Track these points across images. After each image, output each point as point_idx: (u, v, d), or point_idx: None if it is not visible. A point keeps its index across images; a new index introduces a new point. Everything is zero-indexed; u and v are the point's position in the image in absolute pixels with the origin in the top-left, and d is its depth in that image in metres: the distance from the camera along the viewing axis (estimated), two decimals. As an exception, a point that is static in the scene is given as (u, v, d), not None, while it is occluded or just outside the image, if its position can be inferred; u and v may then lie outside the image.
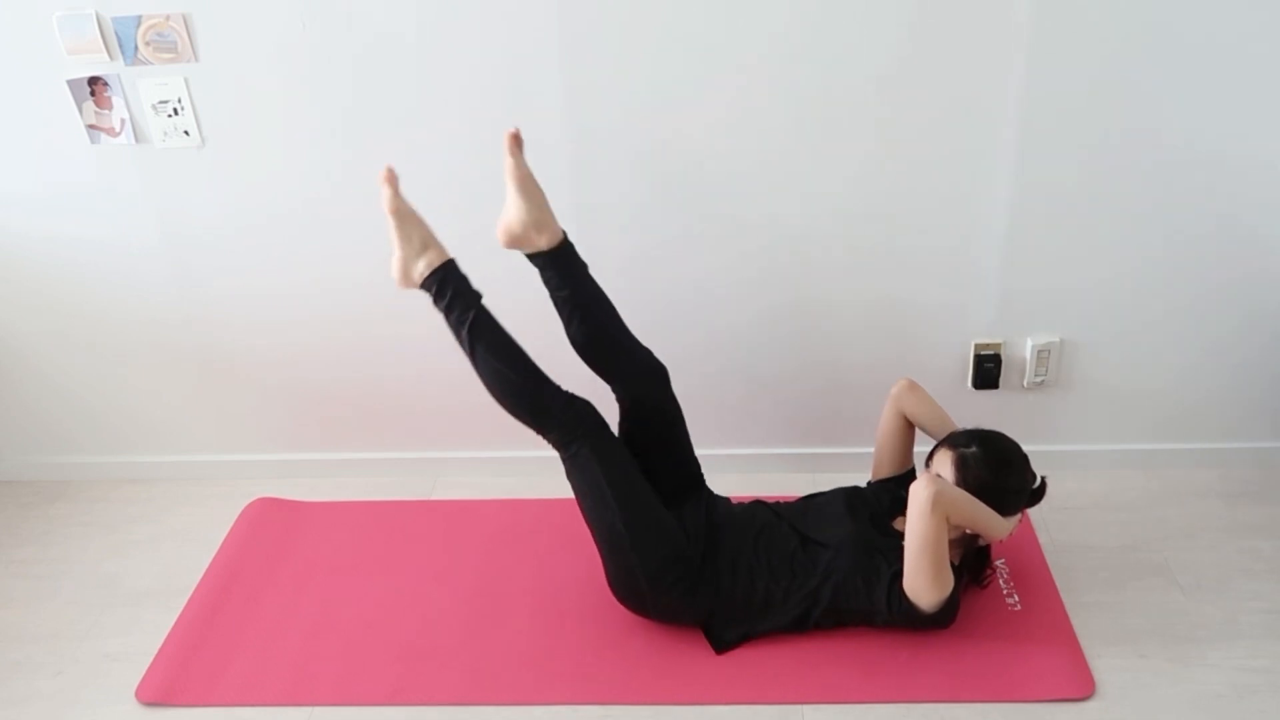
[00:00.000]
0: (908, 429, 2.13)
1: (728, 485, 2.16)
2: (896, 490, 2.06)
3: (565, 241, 1.93)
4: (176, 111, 2.12)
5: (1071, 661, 1.92)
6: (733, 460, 2.42)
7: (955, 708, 1.85)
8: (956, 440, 1.96)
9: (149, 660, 2.05)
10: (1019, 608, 2.04)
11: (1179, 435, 2.42)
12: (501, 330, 1.92)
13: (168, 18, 2.02)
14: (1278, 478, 2.40)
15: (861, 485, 2.16)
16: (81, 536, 2.44)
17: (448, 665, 1.99)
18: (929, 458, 1.99)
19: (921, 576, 1.83)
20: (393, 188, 1.86)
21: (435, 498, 2.50)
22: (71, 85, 2.10)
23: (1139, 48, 1.97)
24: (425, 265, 1.89)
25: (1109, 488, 2.39)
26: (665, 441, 2.06)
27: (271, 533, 2.38)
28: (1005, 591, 2.08)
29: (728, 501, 2.13)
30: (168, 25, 2.03)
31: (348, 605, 2.15)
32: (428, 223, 1.90)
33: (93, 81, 2.10)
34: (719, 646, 1.98)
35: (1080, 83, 2.00)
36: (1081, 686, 1.87)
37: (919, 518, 1.80)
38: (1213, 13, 1.93)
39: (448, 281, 1.89)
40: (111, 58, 2.06)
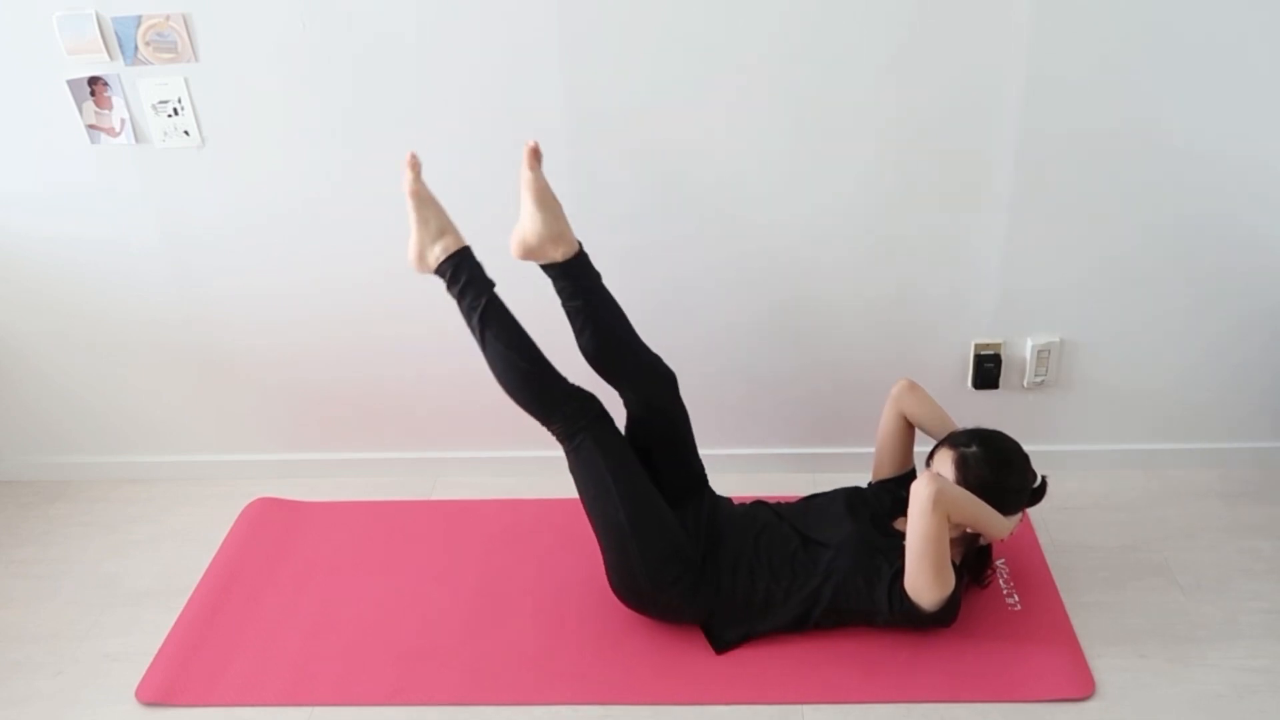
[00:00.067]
0: (908, 429, 2.13)
1: (728, 485, 2.16)
2: (897, 491, 2.06)
3: (580, 252, 1.93)
4: (176, 111, 2.12)
5: (1071, 661, 1.92)
6: (733, 460, 2.42)
7: (955, 708, 1.85)
8: (957, 440, 1.96)
9: (149, 660, 2.05)
10: (1019, 608, 2.04)
11: (1179, 435, 2.42)
12: (512, 319, 1.93)
13: (168, 18, 2.02)
14: (1278, 478, 2.40)
15: (862, 486, 2.16)
16: (81, 536, 2.44)
17: (448, 665, 1.99)
18: (929, 457, 1.99)
19: (923, 574, 1.83)
20: (415, 172, 1.88)
21: (435, 498, 2.50)
22: (71, 85, 2.10)
23: (1139, 48, 1.97)
24: (441, 250, 1.90)
25: (1109, 488, 2.39)
26: (671, 445, 2.06)
27: (271, 533, 2.38)
28: (1005, 591, 2.08)
29: (729, 502, 2.13)
30: (168, 25, 2.03)
31: (348, 605, 2.15)
32: (446, 210, 1.92)
33: (93, 81, 2.10)
34: (719, 646, 1.97)
35: (1080, 82, 2.00)
36: (1081, 686, 1.87)
37: (920, 515, 1.79)
38: (1213, 12, 1.93)
39: (462, 268, 1.91)
40: (111, 58, 2.06)
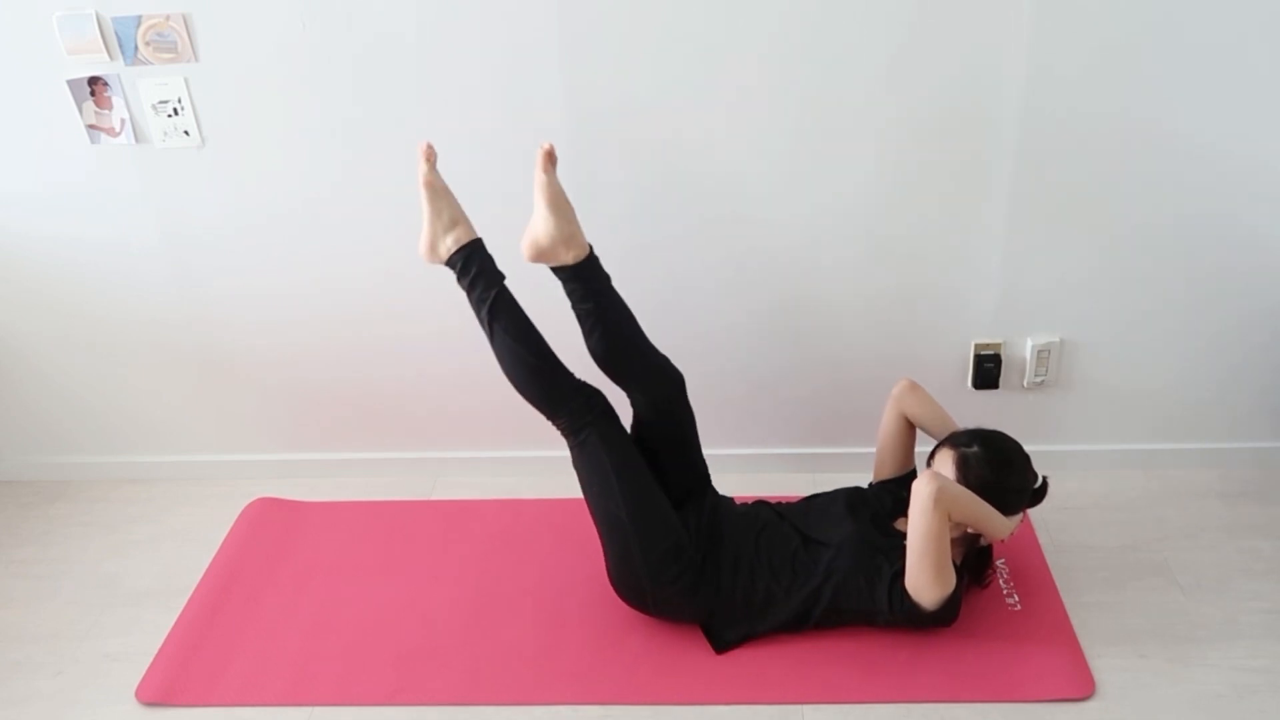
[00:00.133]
0: (909, 430, 2.13)
1: (729, 485, 2.16)
2: (898, 491, 2.06)
3: (591, 255, 1.93)
4: (176, 111, 2.12)
5: (1071, 661, 1.92)
6: (733, 460, 2.42)
7: (955, 708, 1.85)
8: (958, 440, 1.96)
9: (149, 660, 2.05)
10: (1019, 608, 2.04)
11: (1179, 435, 2.42)
12: (521, 312, 1.93)
13: (168, 18, 2.02)
14: (1278, 478, 2.40)
15: (863, 486, 2.16)
16: (81, 536, 2.43)
17: (448, 665, 1.99)
18: (930, 458, 1.99)
19: (924, 573, 1.82)
20: (430, 163, 1.88)
21: (435, 498, 2.50)
22: (71, 85, 2.10)
23: (1139, 48, 1.97)
24: (453, 241, 1.91)
25: (1109, 488, 2.39)
26: (678, 447, 2.06)
27: (271, 533, 2.38)
28: (1005, 591, 2.08)
29: (731, 502, 2.13)
30: (168, 25, 2.03)
31: (348, 605, 2.15)
32: (459, 203, 1.92)
33: (93, 81, 2.09)
34: (719, 646, 1.97)
35: (1080, 82, 2.00)
36: (1081, 686, 1.87)
37: (921, 513, 1.79)
38: (1213, 13, 1.93)
39: (472, 259, 1.91)
40: (111, 58, 2.06)
